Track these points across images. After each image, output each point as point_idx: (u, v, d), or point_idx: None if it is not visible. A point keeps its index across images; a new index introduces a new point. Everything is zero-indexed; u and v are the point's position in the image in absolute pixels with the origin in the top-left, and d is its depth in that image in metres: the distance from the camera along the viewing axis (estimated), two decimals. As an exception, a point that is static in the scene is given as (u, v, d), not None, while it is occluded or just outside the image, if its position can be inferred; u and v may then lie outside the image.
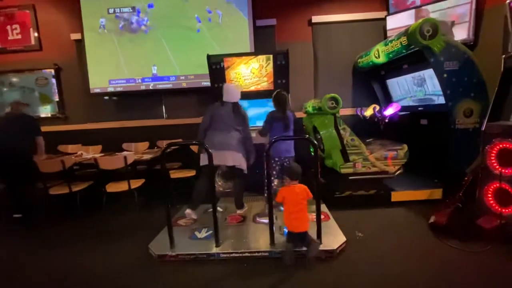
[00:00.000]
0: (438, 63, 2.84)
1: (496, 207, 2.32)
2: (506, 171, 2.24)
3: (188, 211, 2.78)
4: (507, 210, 2.25)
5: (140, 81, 4.49)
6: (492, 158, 2.32)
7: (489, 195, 2.37)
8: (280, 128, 2.82)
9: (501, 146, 2.26)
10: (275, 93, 2.95)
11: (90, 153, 4.15)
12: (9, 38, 4.65)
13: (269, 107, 3.11)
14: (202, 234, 2.54)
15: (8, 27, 4.63)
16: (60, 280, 2.09)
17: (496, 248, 2.13)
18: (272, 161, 2.82)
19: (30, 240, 2.79)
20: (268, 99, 3.16)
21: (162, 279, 2.02)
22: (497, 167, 2.29)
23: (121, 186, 3.25)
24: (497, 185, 2.30)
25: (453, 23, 3.49)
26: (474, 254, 2.10)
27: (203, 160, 2.61)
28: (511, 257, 2.04)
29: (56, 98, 4.75)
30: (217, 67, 3.69)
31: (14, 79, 4.71)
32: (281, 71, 3.67)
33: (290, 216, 2.16)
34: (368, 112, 3.99)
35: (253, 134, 3.43)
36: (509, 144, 2.21)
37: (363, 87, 4.45)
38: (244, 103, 3.77)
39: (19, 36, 4.64)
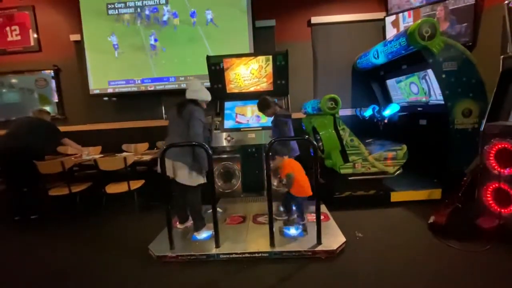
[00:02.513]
0: (437, 64, 2.85)
1: (495, 207, 2.32)
2: (505, 171, 2.24)
3: (179, 226, 2.75)
4: (506, 210, 2.26)
5: (139, 82, 4.49)
6: (491, 158, 2.32)
7: (488, 195, 2.37)
8: (291, 126, 2.86)
9: (500, 146, 2.27)
10: (264, 98, 2.90)
11: (90, 154, 4.14)
12: (8, 39, 4.65)
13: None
14: (202, 235, 2.54)
15: (8, 28, 4.63)
16: (59, 280, 2.09)
17: (496, 248, 2.13)
18: None
19: (29, 241, 2.79)
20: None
21: (162, 280, 2.02)
22: (496, 167, 2.29)
23: (120, 187, 3.25)
24: (496, 185, 2.31)
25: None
26: (474, 254, 2.10)
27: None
28: (510, 256, 2.05)
29: (56, 99, 4.75)
30: (216, 68, 3.69)
31: (14, 80, 4.71)
32: (280, 72, 3.67)
33: (302, 183, 2.47)
34: (368, 112, 4.00)
35: (253, 135, 3.46)
36: (508, 144, 2.22)
37: (362, 88, 4.45)
38: (241, 104, 3.80)
39: (19, 37, 4.64)
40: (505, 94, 2.43)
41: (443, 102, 3.00)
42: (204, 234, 2.50)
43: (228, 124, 3.66)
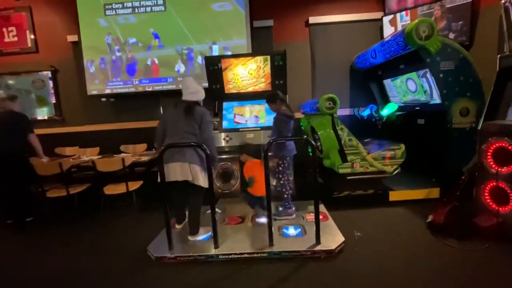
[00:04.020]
0: (434, 63, 2.86)
1: (493, 206, 2.34)
2: (503, 169, 2.25)
3: (178, 226, 2.75)
4: (504, 209, 2.27)
5: (137, 82, 4.48)
6: (489, 157, 2.33)
7: (486, 194, 2.38)
8: (291, 127, 2.77)
9: (497, 145, 2.28)
10: (274, 93, 2.84)
11: (88, 155, 4.13)
12: (5, 40, 4.62)
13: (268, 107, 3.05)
14: (197, 238, 2.51)
15: (4, 29, 4.60)
16: (58, 283, 2.08)
17: (493, 246, 2.14)
18: (285, 161, 2.78)
19: (28, 243, 2.78)
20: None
21: (161, 281, 2.02)
22: (494, 166, 2.30)
23: (119, 188, 3.24)
24: (494, 183, 2.32)
25: None
26: (472, 252, 2.11)
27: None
28: (508, 255, 2.06)
29: (53, 100, 4.73)
30: (214, 68, 3.69)
31: (11, 82, 4.69)
32: (278, 72, 3.67)
33: (261, 185, 2.42)
34: (366, 112, 4.01)
35: (251, 135, 3.46)
36: (505, 143, 2.23)
37: (360, 87, 4.46)
38: (240, 104, 3.79)
39: (16, 38, 4.62)
40: (502, 93, 2.44)
41: (440, 101, 3.01)
42: (199, 237, 2.49)
43: (226, 124, 3.66)
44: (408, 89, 3.65)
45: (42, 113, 4.75)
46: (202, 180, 2.35)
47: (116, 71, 4.49)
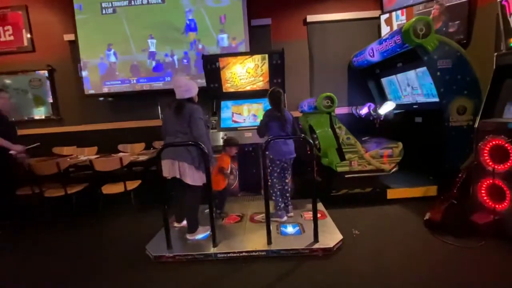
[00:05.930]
0: (431, 62, 2.87)
1: (490, 203, 2.35)
2: (499, 167, 2.27)
3: (176, 225, 2.76)
4: (500, 206, 2.29)
5: (135, 81, 4.46)
6: (485, 154, 2.35)
7: (483, 191, 2.40)
8: (276, 128, 2.70)
9: (494, 142, 2.29)
10: (270, 90, 2.82)
11: (86, 155, 4.12)
12: (1, 39, 4.59)
13: (266, 106, 3.07)
14: (195, 236, 2.51)
15: (0, 28, 4.57)
16: (56, 282, 2.08)
17: (490, 244, 2.16)
18: (273, 164, 2.72)
19: (25, 243, 2.77)
20: (264, 98, 3.13)
21: (160, 280, 2.02)
22: (490, 163, 2.32)
23: (117, 188, 3.23)
24: (491, 181, 2.34)
25: None
26: (469, 249, 2.13)
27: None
28: (505, 252, 2.08)
29: (50, 100, 4.70)
30: (212, 67, 3.68)
31: (7, 81, 4.66)
32: (276, 71, 3.67)
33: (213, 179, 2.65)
34: (363, 110, 4.01)
35: (249, 134, 3.46)
36: (501, 141, 2.24)
37: (358, 86, 4.47)
38: (238, 103, 3.79)
39: (12, 38, 4.58)
40: (499, 91, 2.45)
41: (438, 100, 3.02)
42: (198, 236, 2.49)
43: (224, 123, 3.66)
44: (402, 88, 3.66)
45: (40, 113, 4.72)
46: (190, 178, 2.34)
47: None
